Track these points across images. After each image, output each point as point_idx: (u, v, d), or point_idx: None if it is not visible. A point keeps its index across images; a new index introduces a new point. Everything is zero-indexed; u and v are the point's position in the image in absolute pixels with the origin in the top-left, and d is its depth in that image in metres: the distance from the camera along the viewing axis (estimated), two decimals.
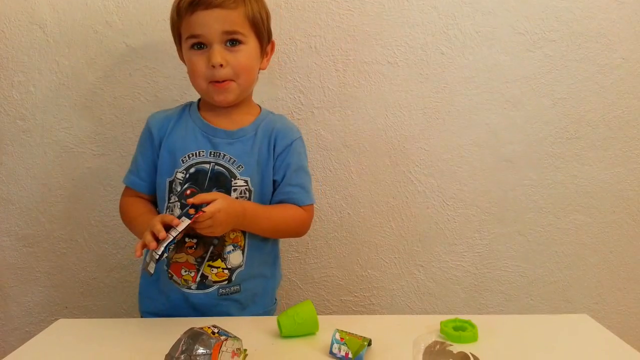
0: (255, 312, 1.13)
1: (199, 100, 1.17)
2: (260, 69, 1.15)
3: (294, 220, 1.13)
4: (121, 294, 1.49)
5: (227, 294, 1.09)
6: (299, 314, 0.92)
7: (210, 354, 0.73)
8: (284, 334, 0.92)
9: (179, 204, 1.07)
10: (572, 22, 1.40)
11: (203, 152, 1.09)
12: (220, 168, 1.08)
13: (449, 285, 1.52)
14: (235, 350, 0.77)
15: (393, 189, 1.47)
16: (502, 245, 1.50)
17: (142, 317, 1.16)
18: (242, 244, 1.09)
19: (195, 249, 1.07)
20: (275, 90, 1.41)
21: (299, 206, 1.13)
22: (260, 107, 1.20)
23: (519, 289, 1.53)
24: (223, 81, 1.06)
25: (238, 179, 1.08)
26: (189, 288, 1.08)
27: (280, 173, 1.13)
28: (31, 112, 1.40)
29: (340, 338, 0.85)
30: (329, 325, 0.90)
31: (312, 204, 1.16)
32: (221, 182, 1.07)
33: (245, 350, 0.81)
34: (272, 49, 1.17)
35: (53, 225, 1.46)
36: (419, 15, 1.39)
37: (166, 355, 0.75)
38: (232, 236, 1.08)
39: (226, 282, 1.08)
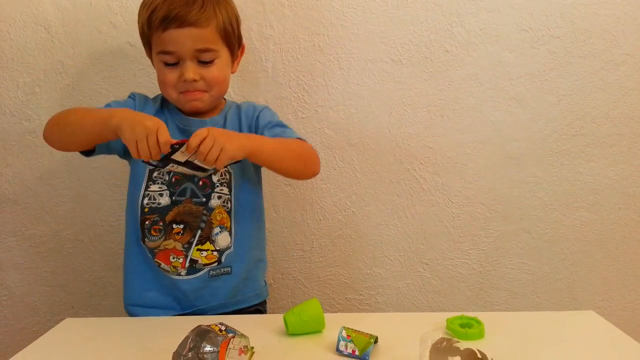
0: (247, 294, 1.14)
1: None
2: (231, 72, 1.16)
3: (302, 147, 1.11)
4: None
5: (218, 275, 1.10)
6: (305, 312, 0.92)
7: (218, 352, 0.73)
8: (290, 332, 0.92)
9: (168, 191, 1.08)
10: (576, 19, 1.40)
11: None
12: None
13: (454, 283, 1.52)
14: (242, 347, 0.77)
15: (398, 187, 1.47)
16: (508, 242, 1.50)
17: (128, 313, 1.14)
18: (229, 226, 1.10)
19: (182, 234, 1.08)
20: (279, 89, 1.41)
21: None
22: (225, 99, 1.21)
23: (524, 286, 1.53)
24: (195, 91, 1.08)
25: None
26: (179, 274, 1.08)
27: (260, 130, 1.13)
28: (36, 112, 1.40)
29: (347, 335, 0.85)
30: (335, 323, 0.90)
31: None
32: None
33: (252, 347, 0.82)
34: (242, 52, 1.18)
35: (59, 225, 1.46)
36: (422, 13, 1.39)
37: (174, 353, 0.75)
38: (218, 218, 1.08)
39: (216, 263, 1.09)
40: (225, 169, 1.09)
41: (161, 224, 1.08)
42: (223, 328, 0.77)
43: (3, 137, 1.41)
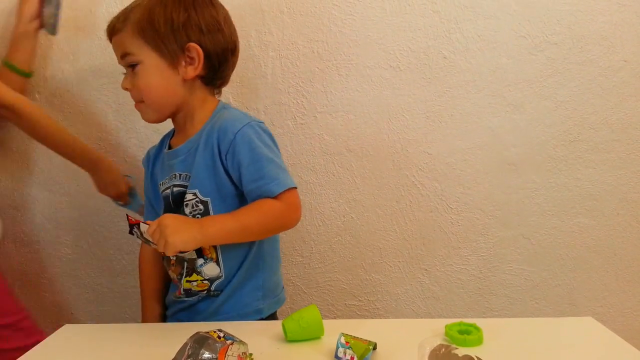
0: (230, 314, 1.09)
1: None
2: (184, 79, 1.04)
3: (267, 215, 0.99)
4: (126, 299, 1.49)
5: (214, 296, 1.08)
6: (304, 318, 0.92)
7: (216, 359, 0.73)
8: (289, 338, 0.92)
9: None
10: (573, 25, 1.40)
11: (167, 179, 1.09)
12: (180, 188, 1.06)
13: (453, 289, 1.52)
14: (240, 354, 0.77)
15: (396, 193, 1.47)
16: (506, 248, 1.50)
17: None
18: (215, 256, 1.04)
19: (175, 265, 1.08)
20: (278, 95, 1.42)
21: (272, 197, 0.99)
22: (217, 106, 1.09)
23: (523, 292, 1.53)
24: (135, 103, 1.07)
25: (188, 193, 1.03)
26: (182, 299, 1.10)
27: (235, 173, 1.01)
28: None
29: (346, 342, 0.85)
30: (334, 329, 0.90)
31: (289, 189, 1.00)
32: (181, 201, 1.05)
33: (251, 354, 0.82)
34: (199, 54, 1.02)
35: (58, 232, 1.46)
36: (421, 20, 1.39)
37: None
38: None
39: (206, 292, 1.07)
40: (196, 199, 1.02)
41: (163, 254, 1.01)
42: (222, 335, 0.77)
43: (2, 143, 1.41)
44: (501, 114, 1.44)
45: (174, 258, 1.07)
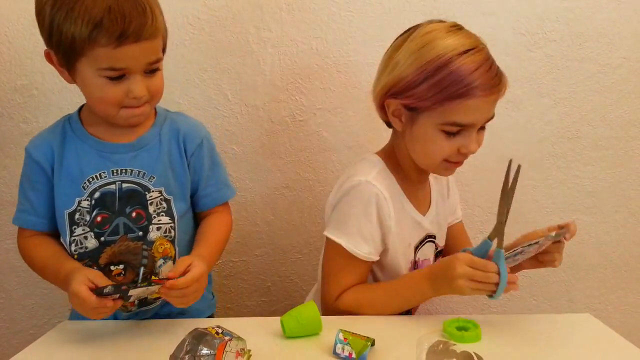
0: (197, 309, 1.10)
1: (78, 114, 1.05)
2: None
3: (229, 230, 1.11)
4: None
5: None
6: (302, 315, 0.93)
7: (215, 355, 0.73)
8: (287, 335, 0.92)
9: (92, 233, 0.99)
10: (572, 22, 1.40)
11: (104, 173, 1.00)
12: (130, 185, 1.01)
13: None
14: (239, 350, 0.77)
15: None
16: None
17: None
18: (173, 254, 1.04)
19: (124, 274, 1.01)
20: (276, 92, 1.42)
21: (222, 203, 1.11)
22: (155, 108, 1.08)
23: (521, 289, 1.52)
24: (139, 106, 0.97)
25: (152, 191, 1.01)
26: (130, 311, 1.05)
27: (197, 174, 1.07)
28: (34, 115, 1.40)
29: (344, 338, 0.85)
30: (332, 326, 0.91)
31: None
32: (135, 199, 1.00)
33: (249, 350, 0.82)
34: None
35: None
36: (419, 17, 1.39)
37: (170, 356, 0.75)
38: (160, 249, 1.02)
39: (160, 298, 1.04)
40: (161, 197, 1.02)
41: (95, 268, 0.98)
42: (220, 331, 0.77)
43: (0, 139, 1.41)
44: (500, 111, 1.43)
45: (121, 267, 1.01)
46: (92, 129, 1.02)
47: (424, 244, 1.13)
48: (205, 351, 0.73)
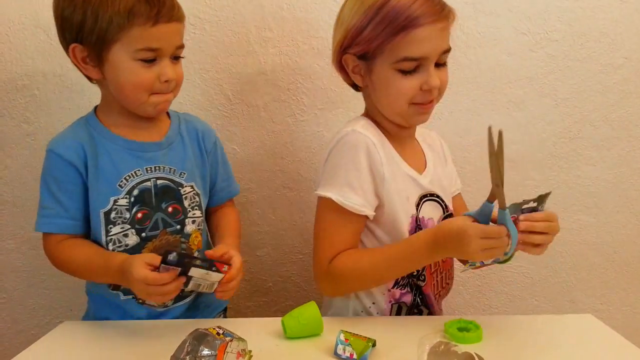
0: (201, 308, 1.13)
1: (94, 116, 1.06)
2: None
3: (239, 220, 1.21)
4: None
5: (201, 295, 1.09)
6: (303, 315, 0.93)
7: (215, 355, 0.73)
8: (288, 335, 0.92)
9: (133, 230, 1.01)
10: (574, 22, 1.40)
11: (139, 170, 1.02)
12: (164, 181, 1.04)
13: (452, 286, 1.52)
14: (240, 351, 0.77)
15: None
16: None
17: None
18: (202, 247, 1.10)
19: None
20: (278, 92, 1.41)
21: (232, 197, 1.22)
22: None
23: (523, 290, 1.53)
24: (168, 92, 1.01)
25: (185, 186, 1.07)
26: (165, 306, 1.06)
27: (214, 169, 1.16)
28: (35, 115, 1.40)
29: (345, 339, 0.85)
30: (333, 327, 0.91)
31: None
32: (169, 195, 1.04)
33: (250, 351, 0.82)
34: None
35: None
36: None
37: (171, 357, 0.75)
38: (196, 242, 1.08)
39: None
40: (193, 191, 1.08)
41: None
42: (221, 331, 0.77)
43: (2, 139, 1.41)
44: (501, 111, 1.44)
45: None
46: (116, 129, 1.04)
47: (424, 201, 1.08)
48: (206, 352, 0.73)
